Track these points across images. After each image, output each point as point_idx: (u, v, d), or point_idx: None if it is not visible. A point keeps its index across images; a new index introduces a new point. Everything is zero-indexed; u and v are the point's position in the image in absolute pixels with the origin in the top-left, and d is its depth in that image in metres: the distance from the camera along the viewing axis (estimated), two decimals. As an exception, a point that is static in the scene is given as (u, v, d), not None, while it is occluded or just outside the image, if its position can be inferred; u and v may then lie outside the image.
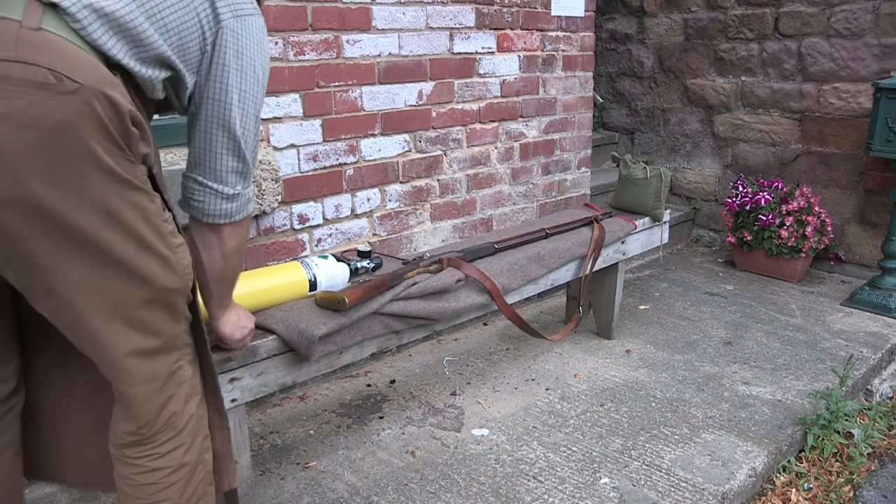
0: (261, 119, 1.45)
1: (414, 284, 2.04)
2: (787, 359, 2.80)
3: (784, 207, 3.54)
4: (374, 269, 2.09)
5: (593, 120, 3.63)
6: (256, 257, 2.29)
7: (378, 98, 2.55)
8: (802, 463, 2.29)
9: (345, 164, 2.50)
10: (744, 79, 4.02)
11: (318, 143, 2.40)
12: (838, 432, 2.36)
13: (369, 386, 2.60)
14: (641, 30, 4.42)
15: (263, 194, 2.22)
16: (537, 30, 3.10)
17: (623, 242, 2.81)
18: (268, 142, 2.27)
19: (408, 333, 2.11)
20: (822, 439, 2.34)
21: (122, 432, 1.30)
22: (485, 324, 3.15)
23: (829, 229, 3.59)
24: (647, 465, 2.10)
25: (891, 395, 2.82)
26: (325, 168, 2.45)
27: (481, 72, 2.90)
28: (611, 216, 2.83)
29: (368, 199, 2.61)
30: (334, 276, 1.96)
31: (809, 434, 2.33)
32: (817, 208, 3.55)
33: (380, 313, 1.96)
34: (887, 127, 3.12)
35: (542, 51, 3.15)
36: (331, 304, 1.84)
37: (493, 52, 2.93)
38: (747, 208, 3.65)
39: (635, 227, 2.83)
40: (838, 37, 3.61)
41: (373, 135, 2.56)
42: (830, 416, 2.34)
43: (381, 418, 2.37)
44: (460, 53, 2.80)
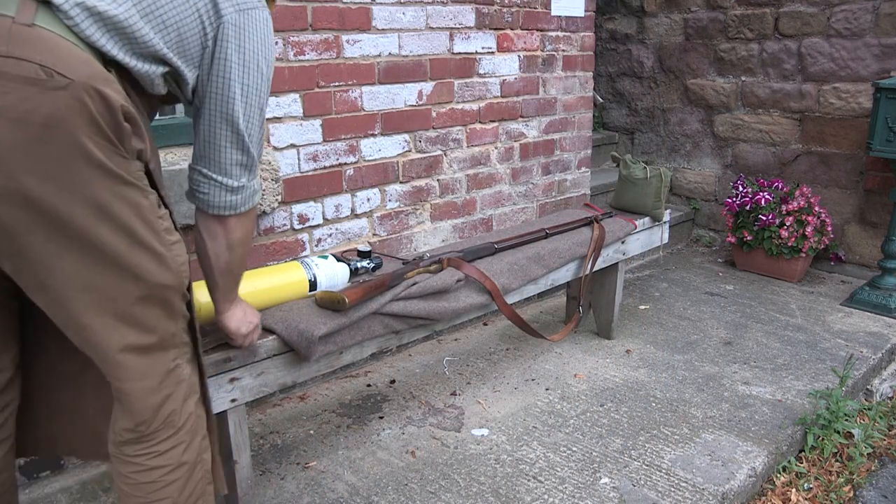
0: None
1: (414, 284, 2.04)
2: (787, 359, 2.80)
3: (784, 207, 3.54)
4: (374, 269, 2.09)
5: (593, 120, 3.63)
6: (256, 257, 2.29)
7: (378, 98, 2.55)
8: (802, 463, 2.29)
9: (345, 164, 2.50)
10: (744, 79, 4.02)
11: (318, 143, 2.41)
12: (838, 432, 2.36)
13: (369, 386, 2.60)
14: (641, 30, 4.42)
15: (263, 194, 2.22)
16: (537, 30, 3.10)
17: (623, 242, 2.80)
18: (268, 142, 2.27)
19: (408, 333, 2.11)
20: (822, 439, 2.35)
21: (121, 429, 1.30)
22: (485, 324, 3.15)
23: (829, 229, 3.59)
24: (647, 465, 2.10)
25: (891, 395, 2.82)
26: (325, 168, 2.45)
27: (481, 72, 2.90)
28: (611, 216, 2.83)
29: (368, 199, 2.61)
30: (334, 276, 1.96)
31: (809, 434, 2.33)
32: (817, 208, 3.55)
33: (380, 313, 1.96)
34: (887, 127, 3.12)
35: (542, 51, 3.15)
36: (331, 304, 1.84)
37: (493, 52, 2.93)
38: (747, 208, 3.65)
39: (635, 227, 2.83)
40: (838, 37, 3.61)
41: (373, 135, 2.56)
42: (830, 416, 2.34)
43: (381, 418, 2.37)
44: (460, 53, 2.80)
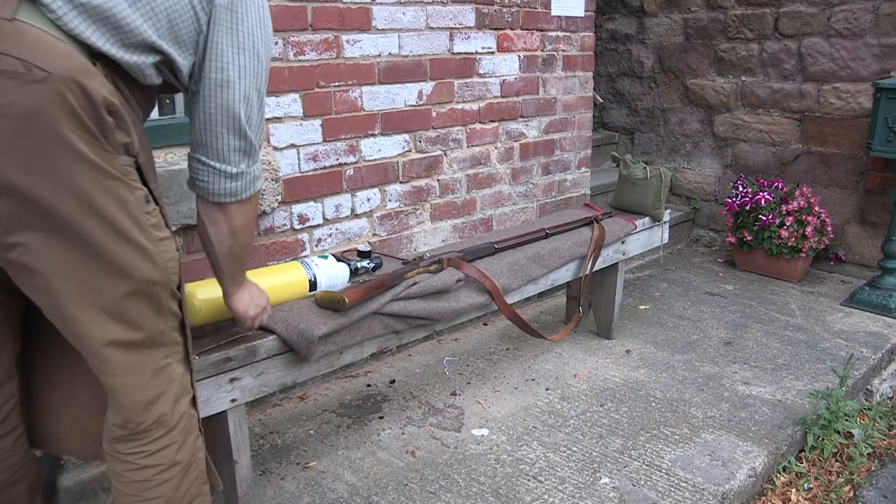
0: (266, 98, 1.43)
1: (414, 284, 2.04)
2: (787, 359, 2.80)
3: (784, 207, 3.54)
4: (374, 269, 2.09)
5: (593, 120, 3.63)
6: (256, 257, 2.29)
7: (378, 98, 2.55)
8: (802, 463, 2.29)
9: (345, 164, 2.50)
10: (744, 79, 4.02)
11: (318, 143, 2.41)
12: (838, 432, 2.36)
13: (369, 386, 2.60)
14: (641, 30, 4.42)
15: (263, 194, 2.22)
16: (537, 30, 3.10)
17: (623, 242, 2.80)
18: (268, 142, 2.27)
19: (408, 333, 2.11)
20: (822, 439, 2.35)
21: (112, 425, 1.31)
22: (485, 324, 3.15)
23: (829, 229, 3.59)
24: (647, 465, 2.10)
25: (891, 395, 2.82)
26: (325, 168, 2.45)
27: (481, 72, 2.90)
28: (611, 216, 2.83)
29: (368, 199, 2.61)
30: (334, 276, 1.96)
31: (809, 434, 2.33)
32: (817, 208, 3.55)
33: (380, 313, 1.96)
34: (887, 127, 3.12)
35: (542, 51, 3.15)
36: (331, 304, 1.84)
37: (493, 52, 2.93)
38: (747, 208, 3.65)
39: (635, 227, 2.83)
40: (838, 37, 3.61)
41: (373, 135, 2.56)
42: (830, 416, 2.34)
43: (381, 418, 2.37)
44: (460, 53, 2.80)
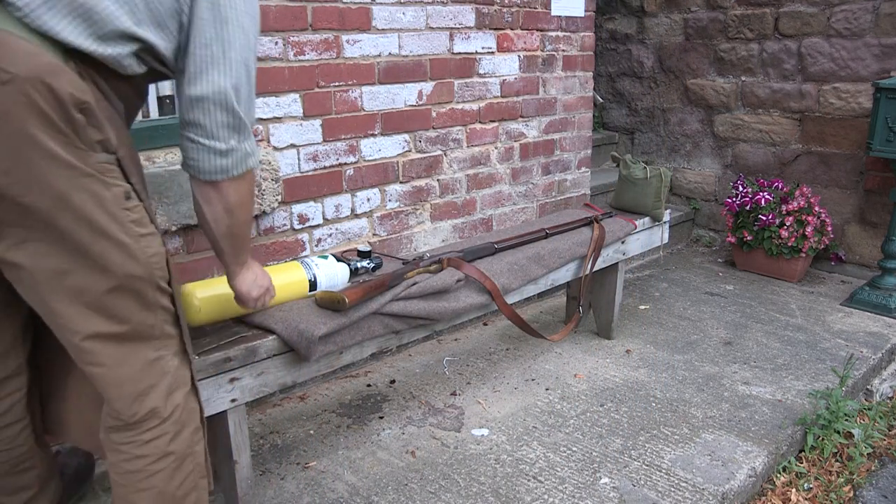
0: (255, 97, 1.40)
1: (414, 284, 2.04)
2: (787, 359, 2.80)
3: (784, 207, 3.54)
4: (374, 269, 2.09)
5: (593, 120, 3.63)
6: (256, 257, 2.27)
7: (378, 98, 2.55)
8: (802, 463, 2.29)
9: (345, 164, 2.50)
10: (744, 79, 4.02)
11: (318, 143, 2.41)
12: (838, 432, 2.36)
13: (369, 386, 2.60)
14: (641, 30, 4.42)
15: (263, 194, 2.22)
16: (537, 30, 3.10)
17: (623, 242, 2.80)
18: (268, 142, 2.27)
19: (408, 333, 2.11)
20: (822, 439, 2.35)
21: (105, 414, 1.33)
22: (485, 324, 3.15)
23: (829, 229, 3.59)
24: (647, 465, 2.10)
25: (891, 395, 2.82)
26: (325, 168, 2.45)
27: (481, 72, 2.90)
28: (611, 216, 2.83)
29: (368, 199, 2.61)
30: (334, 276, 1.96)
31: (809, 434, 2.33)
32: (817, 208, 3.55)
33: (380, 313, 1.96)
34: (887, 127, 3.12)
35: (542, 51, 3.15)
36: (331, 304, 1.84)
37: (493, 52, 2.93)
38: (747, 208, 3.65)
39: (635, 227, 2.83)
40: (838, 37, 3.61)
41: (373, 135, 2.56)
42: (830, 416, 2.34)
43: (381, 418, 2.37)
44: (460, 53, 2.80)
